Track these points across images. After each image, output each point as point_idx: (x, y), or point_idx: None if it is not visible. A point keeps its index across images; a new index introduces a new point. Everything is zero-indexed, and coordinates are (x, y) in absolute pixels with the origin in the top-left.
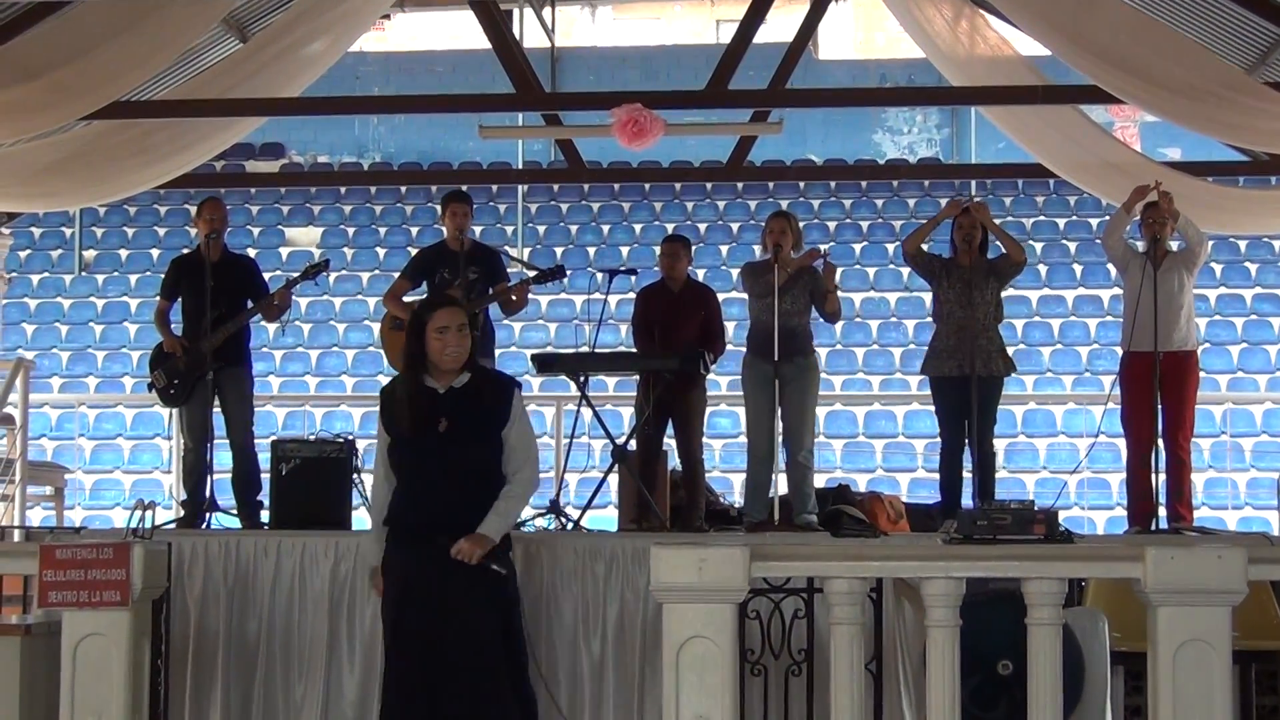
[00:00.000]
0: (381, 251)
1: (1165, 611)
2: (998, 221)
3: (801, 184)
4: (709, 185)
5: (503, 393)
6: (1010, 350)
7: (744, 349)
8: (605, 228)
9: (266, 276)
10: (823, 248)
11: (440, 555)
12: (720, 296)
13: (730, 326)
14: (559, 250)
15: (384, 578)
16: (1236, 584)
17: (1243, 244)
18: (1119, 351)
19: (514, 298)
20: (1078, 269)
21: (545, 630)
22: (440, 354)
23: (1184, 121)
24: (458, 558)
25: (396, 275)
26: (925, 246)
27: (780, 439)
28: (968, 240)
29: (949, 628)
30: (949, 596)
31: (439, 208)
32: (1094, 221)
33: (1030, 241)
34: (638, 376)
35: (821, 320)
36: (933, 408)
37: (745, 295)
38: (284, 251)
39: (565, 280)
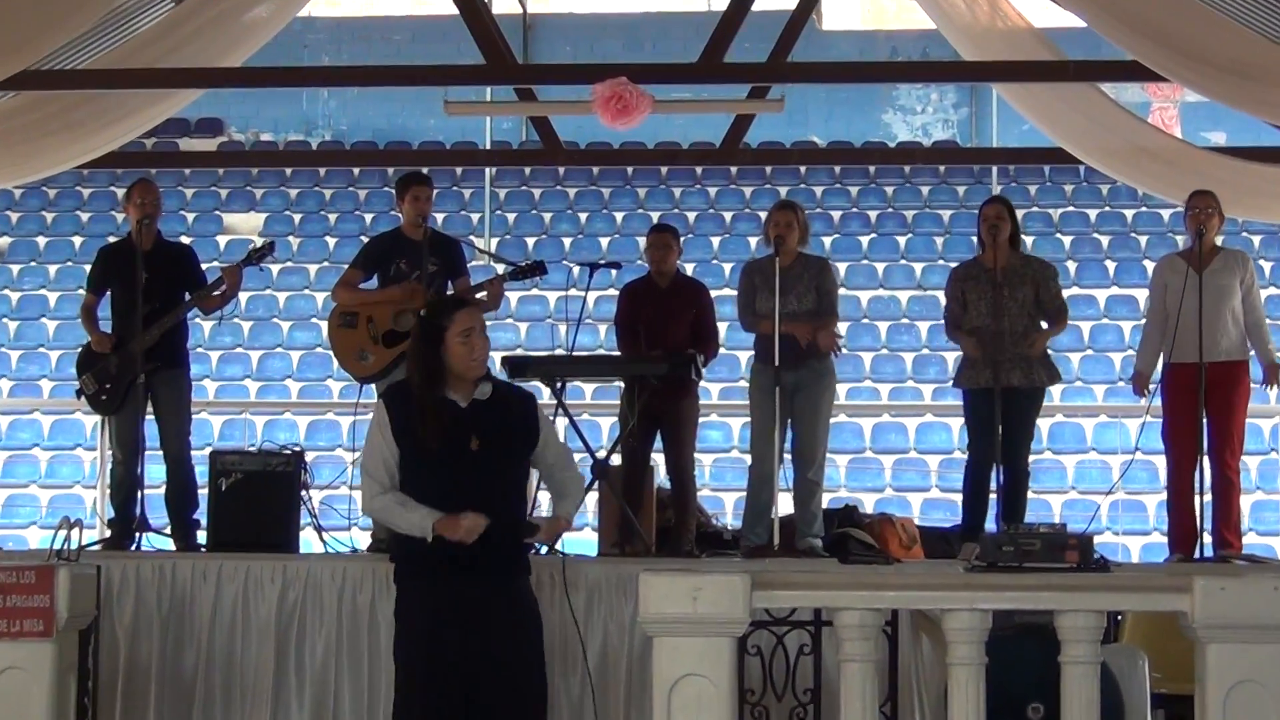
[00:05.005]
0: (331, 241)
1: (1215, 649)
2: (1020, 212)
3: (802, 169)
4: (699, 169)
5: (529, 407)
6: None
7: (741, 355)
8: (583, 216)
9: (204, 268)
10: (842, 346)
11: (478, 587)
12: (713, 293)
13: (722, 327)
14: (530, 241)
15: (408, 614)
16: None
17: None
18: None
19: (486, 295)
20: (1110, 266)
21: None
22: (467, 361)
23: (1231, 101)
24: (531, 539)
25: (347, 266)
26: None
27: (788, 455)
28: (993, 233)
29: (973, 666)
30: (974, 631)
31: (396, 192)
32: (1129, 213)
33: (1058, 235)
34: (621, 383)
35: None
36: (948, 420)
37: (737, 294)
38: (221, 240)
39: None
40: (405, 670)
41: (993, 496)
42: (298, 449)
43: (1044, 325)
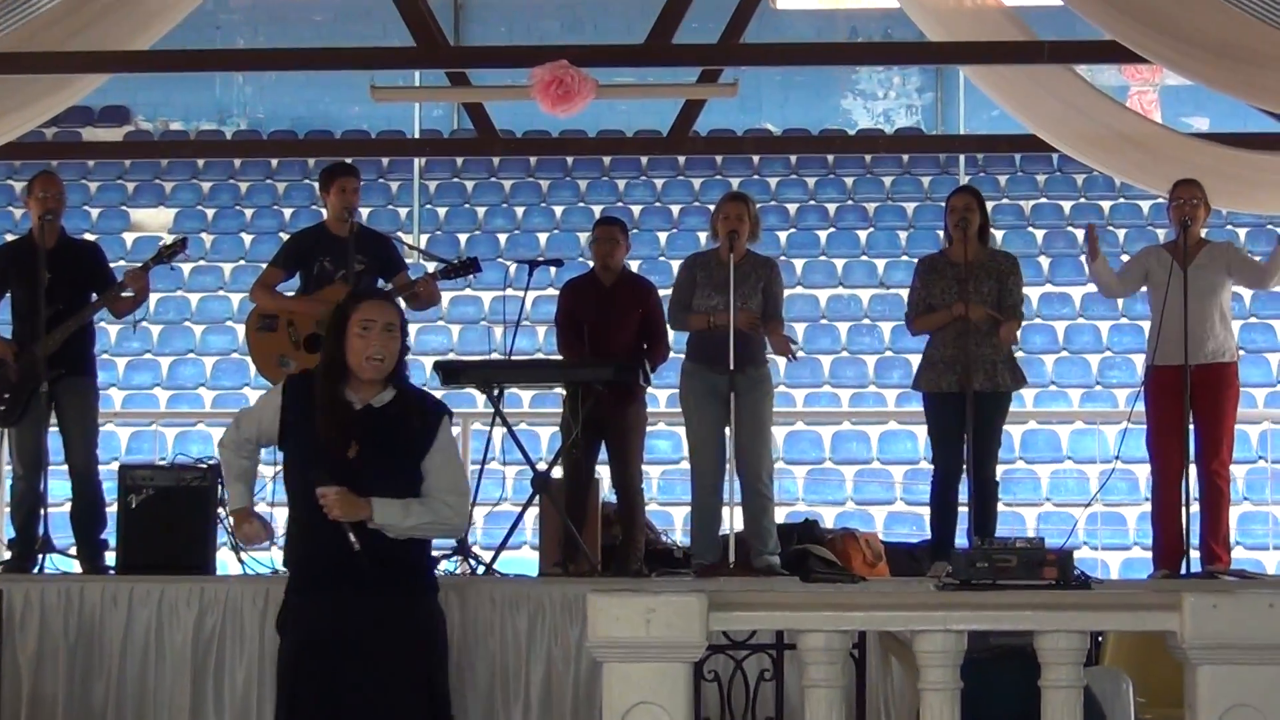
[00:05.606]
0: (247, 238)
1: (1207, 671)
2: (989, 203)
3: (756, 158)
4: (645, 160)
5: (430, 419)
6: None
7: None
8: (519, 210)
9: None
10: (798, 352)
11: (349, 607)
12: (661, 292)
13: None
14: (463, 237)
15: (284, 628)
16: None
17: None
18: (1136, 361)
19: (419, 291)
20: (1086, 261)
21: (455, 696)
22: (360, 357)
23: (1219, 85)
24: (320, 498)
25: (265, 265)
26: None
27: (733, 465)
28: (962, 226)
29: (947, 691)
30: (948, 654)
31: (320, 184)
32: (1106, 205)
33: (1029, 228)
34: (563, 389)
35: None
36: (913, 427)
37: (673, 287)
38: (129, 237)
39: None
40: (279, 690)
41: (963, 510)
42: (213, 462)
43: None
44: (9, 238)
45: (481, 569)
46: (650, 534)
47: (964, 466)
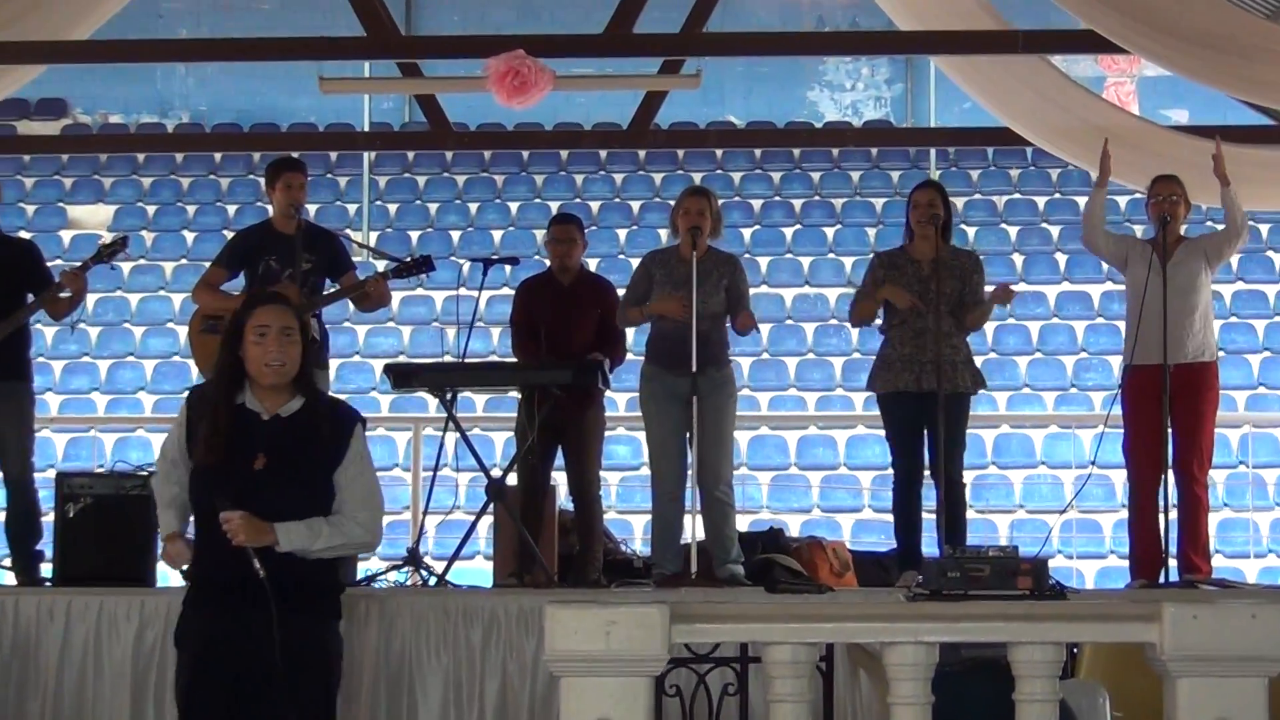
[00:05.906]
0: (190, 236)
1: (1187, 684)
2: (961, 199)
3: (719, 152)
4: (604, 153)
5: (341, 427)
6: (978, 361)
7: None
8: (473, 206)
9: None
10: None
11: (244, 626)
12: (620, 291)
13: (630, 330)
14: (415, 234)
15: (180, 643)
16: (1276, 649)
17: (1264, 228)
18: (1113, 362)
19: (369, 291)
20: (1061, 259)
21: (407, 712)
22: (257, 364)
23: (1199, 76)
24: (224, 524)
25: (209, 264)
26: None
27: (694, 471)
28: (933, 222)
29: (918, 705)
30: (919, 667)
31: (265, 180)
32: (1081, 200)
33: (1002, 225)
34: (518, 393)
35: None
36: (881, 432)
37: (628, 284)
38: (66, 235)
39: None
40: (177, 706)
41: (931, 518)
42: (153, 470)
43: (965, 318)
44: None
45: (434, 580)
46: (609, 543)
47: (925, 470)
